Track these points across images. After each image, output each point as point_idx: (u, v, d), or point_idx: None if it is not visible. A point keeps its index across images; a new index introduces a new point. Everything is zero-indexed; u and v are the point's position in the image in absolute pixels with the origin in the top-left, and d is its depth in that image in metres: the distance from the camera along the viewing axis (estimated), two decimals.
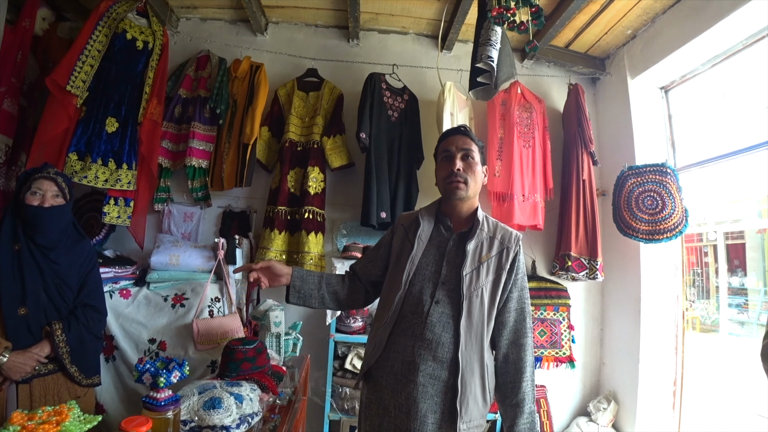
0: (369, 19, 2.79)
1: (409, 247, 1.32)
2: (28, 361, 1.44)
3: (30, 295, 1.50)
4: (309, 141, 2.50)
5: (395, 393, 1.22)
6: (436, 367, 1.20)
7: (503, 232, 1.34)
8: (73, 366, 1.54)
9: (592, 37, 2.82)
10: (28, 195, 1.53)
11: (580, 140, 2.72)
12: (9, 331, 1.46)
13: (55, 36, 2.66)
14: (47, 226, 1.54)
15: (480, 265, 1.26)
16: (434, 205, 1.41)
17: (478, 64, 1.94)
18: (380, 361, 1.27)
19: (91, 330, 1.60)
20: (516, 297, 1.29)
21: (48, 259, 1.55)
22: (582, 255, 2.65)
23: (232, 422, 1.20)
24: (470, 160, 1.32)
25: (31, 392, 1.48)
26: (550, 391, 2.79)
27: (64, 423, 0.81)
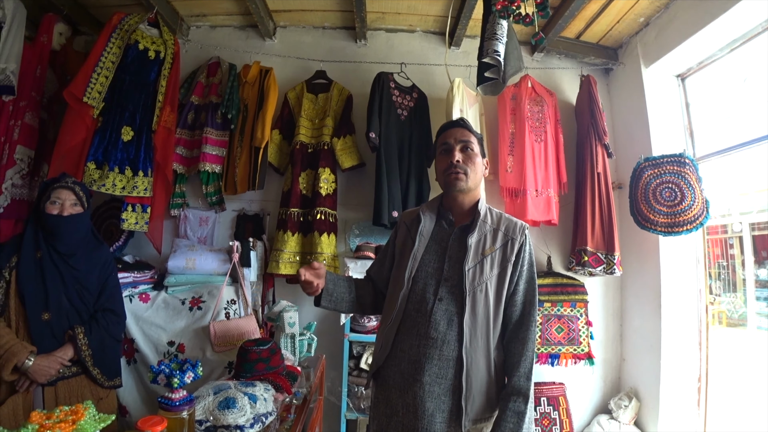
0: (375, 19, 2.79)
1: (411, 244, 1.30)
2: (52, 364, 1.49)
3: (53, 300, 1.55)
4: (319, 142, 2.52)
5: (402, 393, 1.21)
6: (442, 366, 1.18)
7: (507, 223, 1.30)
8: (96, 368, 1.59)
9: (603, 26, 2.75)
10: (48, 204, 1.59)
11: (593, 133, 2.66)
12: (34, 335, 1.51)
13: (72, 50, 2.75)
14: (66, 233, 1.60)
15: (483, 259, 1.23)
16: (436, 200, 1.39)
17: (484, 59, 1.93)
18: (388, 360, 1.26)
19: (111, 333, 1.65)
20: (522, 290, 1.25)
21: (68, 265, 1.60)
22: (599, 249, 2.60)
23: (246, 422, 1.22)
24: (469, 151, 1.30)
25: (57, 394, 1.54)
26: (570, 388, 2.74)
27: (80, 422, 0.84)
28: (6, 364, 1.41)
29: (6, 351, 1.42)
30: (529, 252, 1.29)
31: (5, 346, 1.43)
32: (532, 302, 1.25)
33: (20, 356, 1.43)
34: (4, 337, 1.45)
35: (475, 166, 1.30)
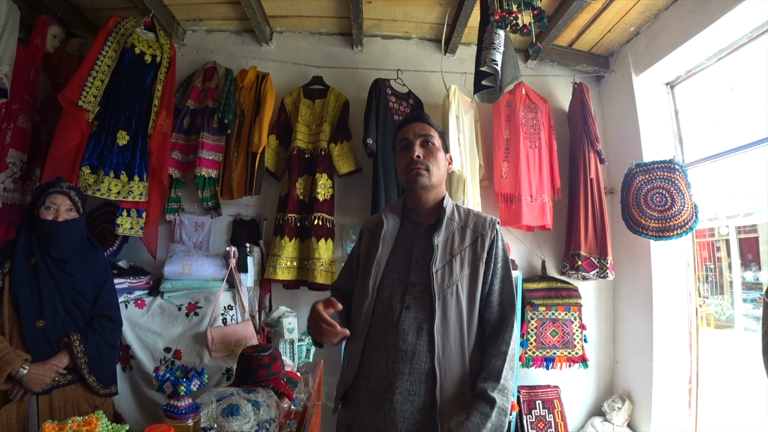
0: (372, 26, 2.81)
1: (375, 250, 1.21)
2: (47, 372, 1.46)
3: (47, 307, 1.52)
4: (316, 148, 2.53)
5: (372, 414, 1.09)
6: (414, 381, 1.08)
7: (476, 218, 1.23)
8: (92, 376, 1.57)
9: (595, 35, 2.82)
10: (42, 210, 1.56)
11: (586, 139, 2.72)
12: (28, 343, 1.48)
13: (66, 53, 2.72)
14: (62, 239, 1.57)
15: (452, 259, 1.15)
16: (399, 201, 1.31)
17: (482, 67, 1.96)
18: (356, 379, 1.14)
19: (107, 340, 1.63)
20: (498, 289, 1.17)
21: (63, 271, 1.58)
22: (592, 254, 2.64)
23: (251, 428, 1.22)
24: (430, 146, 1.22)
25: (51, 403, 1.50)
26: (564, 391, 2.78)
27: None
28: (0, 373, 1.38)
29: (0, 359, 1.40)
30: (503, 248, 1.21)
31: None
32: (510, 303, 1.17)
33: (14, 365, 1.40)
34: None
35: (437, 161, 1.22)
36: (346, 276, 1.35)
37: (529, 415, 2.68)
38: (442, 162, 1.25)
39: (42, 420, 1.44)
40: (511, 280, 1.20)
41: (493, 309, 1.17)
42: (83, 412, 1.50)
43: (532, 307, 2.69)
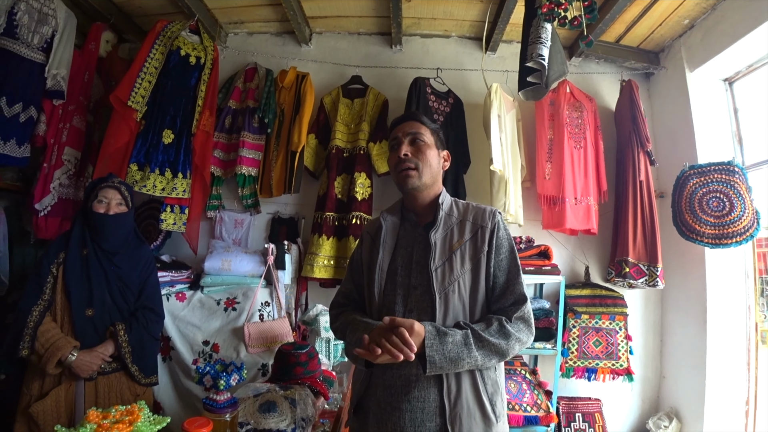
0: (411, 24, 2.79)
1: (377, 255, 1.18)
2: (94, 359, 1.52)
3: (96, 297, 1.59)
4: (355, 147, 2.53)
5: (381, 424, 1.06)
6: (422, 387, 1.04)
7: (476, 211, 1.17)
8: (134, 365, 1.62)
9: (644, 29, 2.67)
10: (95, 203, 1.64)
11: (635, 139, 2.58)
12: (77, 330, 1.55)
13: (117, 57, 2.85)
14: (111, 232, 1.64)
15: (452, 255, 1.10)
16: (397, 203, 1.27)
17: (528, 63, 1.89)
18: (368, 389, 1.11)
19: (150, 331, 1.68)
20: (503, 282, 1.10)
21: (112, 263, 1.65)
22: (641, 261, 2.50)
23: (287, 426, 1.21)
24: (419, 143, 1.18)
25: (96, 389, 1.57)
26: (606, 405, 2.63)
27: (137, 423, 0.84)
28: (51, 358, 1.45)
29: (51, 345, 1.47)
30: (506, 238, 1.14)
31: (51, 340, 1.48)
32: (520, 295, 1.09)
33: (64, 351, 1.47)
34: (50, 331, 1.50)
35: (427, 158, 1.17)
36: (351, 287, 1.28)
37: (568, 428, 2.56)
38: (433, 159, 1.19)
39: (87, 405, 1.51)
40: (518, 270, 1.12)
41: (501, 305, 1.10)
42: (125, 400, 1.57)
43: (574, 314, 2.57)
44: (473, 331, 1.02)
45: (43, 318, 1.52)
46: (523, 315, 1.07)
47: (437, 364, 0.97)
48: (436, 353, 0.97)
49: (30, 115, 2.30)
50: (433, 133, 1.22)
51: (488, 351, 1.01)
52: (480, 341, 1.01)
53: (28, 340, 1.47)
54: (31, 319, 1.49)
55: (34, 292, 1.54)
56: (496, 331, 1.03)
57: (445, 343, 0.98)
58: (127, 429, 0.82)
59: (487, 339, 1.01)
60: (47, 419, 1.44)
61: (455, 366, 0.99)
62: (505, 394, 1.14)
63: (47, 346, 1.47)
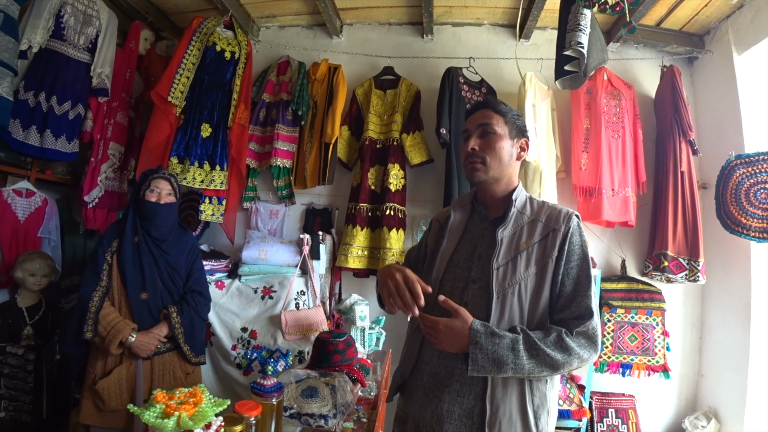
0: (442, 13, 2.75)
1: (443, 242, 1.17)
2: (151, 340, 1.63)
3: (149, 281, 1.70)
4: (388, 138, 2.54)
5: (423, 409, 1.07)
6: (464, 383, 1.02)
7: (550, 212, 1.10)
8: (186, 345, 1.72)
9: (688, 11, 2.53)
10: (147, 192, 1.73)
11: (677, 128, 2.47)
12: (134, 313, 1.66)
13: (155, 54, 2.95)
14: (161, 219, 1.74)
15: (517, 255, 1.05)
16: (470, 194, 1.24)
17: (566, 51, 1.84)
18: (413, 372, 1.12)
19: (199, 313, 1.78)
20: (569, 293, 1.02)
21: (161, 249, 1.75)
22: (680, 254, 2.41)
23: (329, 411, 1.25)
24: (489, 135, 1.11)
25: (152, 367, 1.68)
26: (640, 401, 2.58)
27: (201, 405, 0.89)
28: (113, 340, 1.57)
29: (113, 327, 1.58)
30: (580, 245, 1.06)
31: (112, 323, 1.59)
32: (587, 309, 1.02)
33: (124, 332, 1.59)
34: (110, 315, 1.61)
35: (495, 151, 1.10)
36: (409, 264, 1.31)
37: (600, 423, 2.53)
38: (504, 152, 1.11)
39: (144, 382, 1.63)
40: (589, 281, 1.04)
41: (564, 316, 1.03)
42: (177, 377, 1.69)
43: (609, 308, 2.52)
44: (527, 338, 0.97)
45: (102, 303, 1.63)
46: (587, 331, 1.00)
47: (479, 362, 0.95)
48: (479, 351, 0.95)
49: (78, 112, 2.42)
50: (507, 122, 1.13)
51: (539, 362, 0.96)
52: (533, 350, 0.96)
53: (92, 324, 1.59)
54: (93, 305, 1.61)
55: (92, 279, 1.65)
56: (552, 342, 0.97)
57: (490, 343, 0.95)
58: (192, 410, 0.87)
59: (541, 349, 0.96)
60: (111, 394, 1.57)
61: (498, 369, 0.96)
62: (554, 410, 1.08)
63: (109, 328, 1.58)
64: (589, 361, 1.01)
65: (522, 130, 1.16)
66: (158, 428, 0.83)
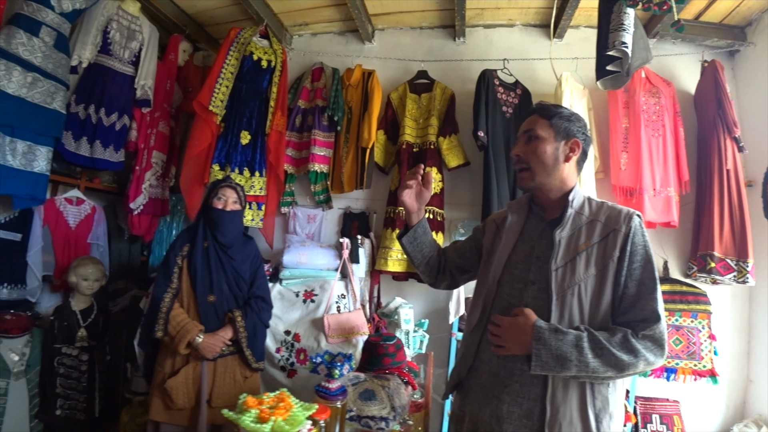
0: (474, 15, 2.75)
1: (499, 243, 1.19)
2: (217, 342, 1.69)
3: (216, 284, 1.76)
4: (425, 142, 2.55)
5: (481, 408, 1.07)
6: (525, 383, 1.02)
7: (610, 212, 1.09)
8: (248, 349, 1.76)
9: (729, 3, 2.46)
10: (215, 200, 1.81)
11: (721, 124, 2.40)
12: (201, 315, 1.73)
13: (192, 65, 3.05)
14: (227, 226, 1.80)
15: (576, 257, 1.04)
16: (525, 196, 1.25)
17: (610, 51, 1.81)
18: (470, 371, 1.14)
19: (261, 318, 1.83)
20: (633, 294, 1.01)
21: (227, 255, 1.81)
22: (728, 255, 2.34)
23: (389, 414, 1.27)
24: (533, 141, 1.13)
25: (215, 369, 1.73)
26: (685, 407, 2.51)
27: (292, 409, 0.92)
28: (182, 340, 1.64)
29: (182, 328, 1.65)
30: (642, 245, 1.04)
31: (181, 323, 1.66)
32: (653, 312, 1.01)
33: (192, 333, 1.65)
34: (179, 315, 1.69)
35: (537, 155, 1.12)
36: (455, 247, 1.39)
37: (644, 429, 2.47)
38: (547, 156, 1.12)
39: (208, 383, 1.70)
40: (654, 284, 1.02)
41: (628, 318, 1.01)
42: (237, 381, 1.73)
43: None
44: (591, 336, 0.97)
45: (173, 304, 1.71)
46: (654, 334, 0.99)
47: (542, 359, 0.96)
48: (543, 347, 0.96)
49: (124, 123, 2.52)
50: (551, 125, 1.13)
51: (604, 361, 0.96)
52: (598, 348, 0.96)
53: (162, 323, 1.67)
54: (164, 305, 1.69)
55: (163, 281, 1.74)
56: (618, 342, 0.97)
57: (554, 339, 0.96)
58: (285, 414, 0.90)
59: (606, 348, 0.96)
60: (179, 393, 1.64)
61: (562, 367, 0.96)
62: (618, 414, 1.06)
63: (178, 329, 1.65)
64: (655, 364, 1.00)
65: (571, 131, 1.15)
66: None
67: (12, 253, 2.19)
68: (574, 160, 1.15)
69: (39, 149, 2.13)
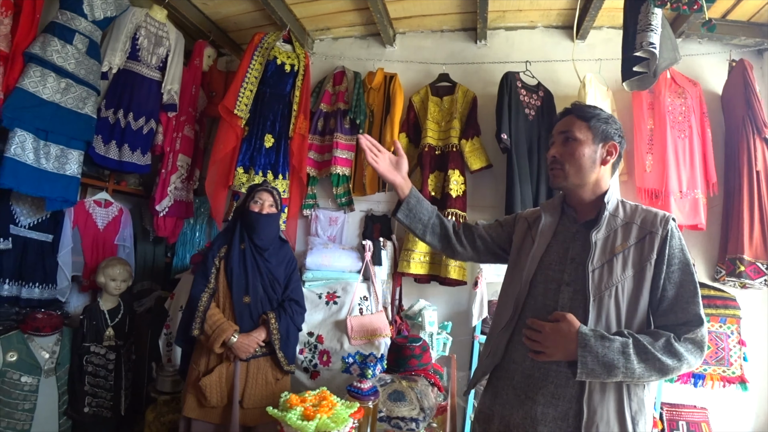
0: (495, 18, 2.75)
1: (531, 243, 1.18)
2: (251, 343, 1.71)
3: (251, 286, 1.78)
4: (447, 145, 2.56)
5: (514, 409, 1.07)
6: (560, 384, 1.02)
7: (645, 214, 1.10)
8: (281, 351, 1.78)
9: (757, 1, 2.41)
10: (251, 203, 1.84)
11: (750, 125, 2.35)
12: (236, 315, 1.75)
13: (216, 70, 3.11)
14: (263, 229, 1.83)
15: (613, 258, 1.05)
16: (559, 197, 1.24)
17: (637, 52, 1.79)
18: (499, 371, 1.13)
19: (295, 322, 1.84)
20: (672, 296, 1.02)
21: (263, 258, 1.83)
22: (759, 259, 2.28)
23: (418, 415, 1.27)
24: (570, 142, 1.13)
25: (248, 369, 1.75)
26: (714, 415, 2.44)
27: (336, 407, 0.93)
28: (217, 339, 1.67)
29: (217, 327, 1.68)
30: (680, 248, 1.05)
31: (217, 323, 1.69)
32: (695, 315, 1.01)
33: (227, 333, 1.68)
34: (215, 315, 1.72)
35: (575, 158, 1.11)
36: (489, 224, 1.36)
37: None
38: (584, 158, 1.11)
39: (240, 383, 1.72)
40: (694, 287, 1.03)
41: (668, 321, 1.02)
42: (268, 382, 1.75)
43: None
44: (636, 341, 0.97)
45: (210, 303, 1.75)
46: (696, 337, 0.99)
47: (588, 366, 0.95)
48: (589, 354, 0.95)
49: (151, 127, 2.58)
50: (590, 127, 1.13)
51: (650, 366, 0.96)
52: (644, 353, 0.96)
53: (199, 322, 1.70)
54: (201, 304, 1.72)
55: (201, 280, 1.78)
56: (662, 347, 0.97)
57: (600, 346, 0.95)
58: (329, 412, 0.91)
59: (651, 353, 0.96)
60: (213, 391, 1.67)
61: (608, 373, 0.96)
62: (651, 416, 1.07)
63: (214, 328, 1.68)
64: (694, 367, 1.01)
65: (608, 133, 1.14)
66: (301, 430, 0.86)
67: (43, 253, 2.26)
68: (611, 163, 1.16)
69: (71, 153, 2.20)
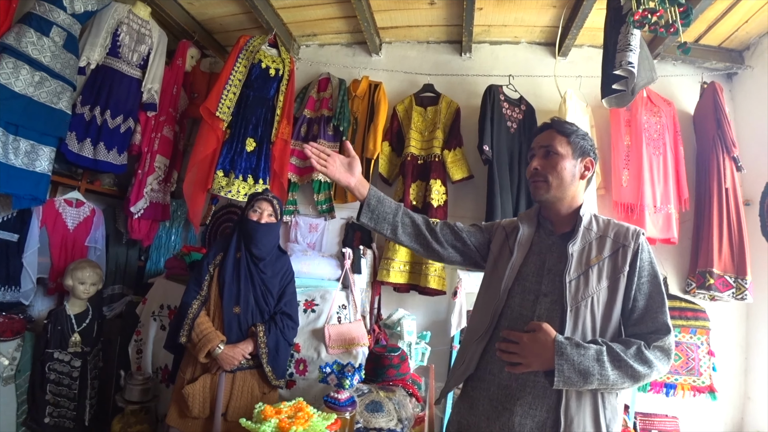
0: (481, 32, 2.80)
1: (509, 253, 1.19)
2: (236, 355, 1.66)
3: (243, 296, 1.73)
4: (430, 154, 2.57)
5: (490, 421, 1.07)
6: (537, 395, 1.04)
7: (617, 228, 1.14)
8: (269, 366, 1.72)
9: (728, 27, 2.53)
10: (250, 212, 1.80)
11: (720, 144, 2.45)
12: (225, 325, 1.70)
13: (199, 71, 3.06)
14: (261, 238, 1.78)
15: (589, 270, 1.08)
16: (534, 209, 1.27)
17: (616, 71, 1.85)
18: (474, 381, 1.13)
19: (285, 336, 1.78)
20: (643, 307, 1.06)
21: (258, 268, 1.78)
22: (727, 272, 2.36)
23: (396, 426, 1.25)
24: (552, 156, 1.15)
25: (233, 382, 1.70)
26: (684, 424, 2.50)
27: (312, 420, 0.90)
28: (202, 348, 1.62)
29: (204, 336, 1.64)
30: (649, 261, 1.10)
31: (204, 332, 1.65)
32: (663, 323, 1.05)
33: (213, 343, 1.63)
34: (204, 324, 1.67)
35: (558, 171, 1.14)
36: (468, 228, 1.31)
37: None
38: (566, 172, 1.15)
39: (224, 395, 1.68)
40: (662, 298, 1.07)
41: (638, 330, 1.06)
42: (254, 396, 1.69)
43: None
44: (610, 349, 1.00)
45: (200, 311, 1.70)
46: (664, 345, 1.03)
47: (565, 374, 0.96)
48: (566, 362, 0.97)
49: (129, 126, 2.51)
50: (570, 142, 1.17)
51: (623, 373, 0.99)
52: (617, 361, 0.99)
53: (187, 329, 1.66)
54: (191, 312, 1.68)
55: (194, 287, 1.73)
56: (634, 354, 1.00)
57: (576, 354, 0.97)
58: (305, 424, 0.88)
59: (625, 360, 0.98)
60: (195, 401, 1.62)
61: (584, 381, 0.97)
62: (621, 420, 1.10)
63: (200, 337, 1.64)
64: (663, 373, 1.05)
65: (586, 149, 1.19)
66: None
67: (8, 253, 2.16)
68: (587, 178, 1.20)
69: (42, 149, 2.11)
